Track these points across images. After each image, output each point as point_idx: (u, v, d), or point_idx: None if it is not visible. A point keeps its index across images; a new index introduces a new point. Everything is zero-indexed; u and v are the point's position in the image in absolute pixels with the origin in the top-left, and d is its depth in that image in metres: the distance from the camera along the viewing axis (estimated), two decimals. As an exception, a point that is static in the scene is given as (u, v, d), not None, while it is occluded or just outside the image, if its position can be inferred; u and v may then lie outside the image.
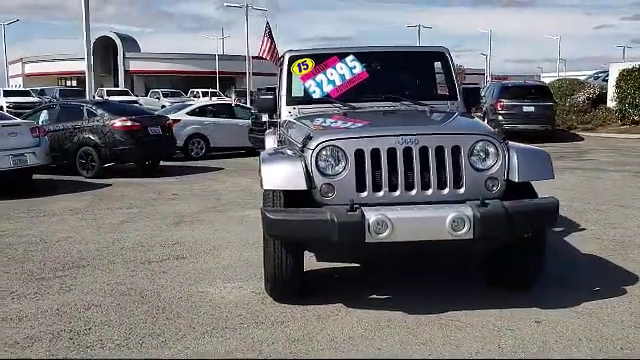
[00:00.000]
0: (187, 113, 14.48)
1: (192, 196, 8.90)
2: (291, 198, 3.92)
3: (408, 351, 3.35)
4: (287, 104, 5.07)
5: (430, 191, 3.82)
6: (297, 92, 5.15)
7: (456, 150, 3.84)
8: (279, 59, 5.77)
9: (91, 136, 11.07)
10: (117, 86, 48.53)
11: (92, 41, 18.05)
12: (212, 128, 14.46)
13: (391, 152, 3.81)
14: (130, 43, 57.06)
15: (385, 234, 3.58)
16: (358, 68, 5.09)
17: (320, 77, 5.09)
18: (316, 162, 3.82)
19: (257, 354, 3.36)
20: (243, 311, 4.00)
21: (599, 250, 5.30)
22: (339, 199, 3.80)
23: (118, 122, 11.04)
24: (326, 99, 5.04)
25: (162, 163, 12.35)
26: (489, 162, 3.88)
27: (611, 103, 20.34)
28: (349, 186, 3.81)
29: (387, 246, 3.67)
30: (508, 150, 3.91)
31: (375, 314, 3.87)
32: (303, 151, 3.93)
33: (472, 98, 5.28)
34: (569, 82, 23.03)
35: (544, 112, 17.15)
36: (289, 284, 4.01)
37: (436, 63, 5.40)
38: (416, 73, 5.48)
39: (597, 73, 28.30)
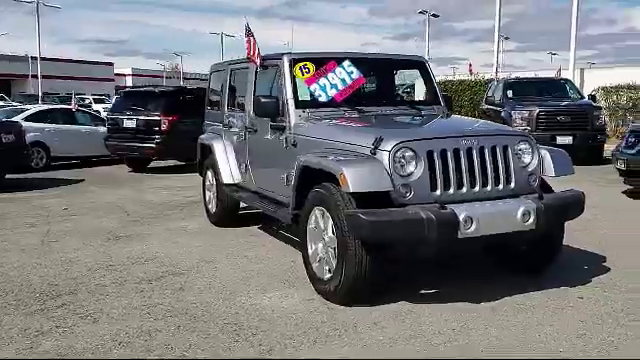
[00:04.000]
0: (24, 119, 12.78)
1: (90, 210, 8.00)
2: (363, 200, 3.93)
3: (522, 332, 3.62)
4: (296, 107, 4.98)
5: (489, 187, 4.15)
6: (302, 96, 5.09)
7: (505, 149, 4.23)
8: (263, 60, 5.59)
9: None
10: None
11: None
12: (53, 135, 12.99)
13: (456, 152, 4.06)
14: None
15: (472, 229, 3.82)
16: (356, 73, 5.20)
17: (323, 81, 5.11)
18: (393, 163, 3.91)
19: (391, 355, 3.36)
20: (322, 318, 3.90)
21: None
22: (415, 199, 3.94)
23: (-35, 129, 9.41)
24: (331, 103, 5.07)
25: None
26: (528, 160, 4.34)
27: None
28: (424, 186, 3.97)
29: (470, 241, 3.90)
30: (539, 150, 4.42)
31: (449, 307, 4.06)
32: (374, 153, 3.97)
33: (448, 104, 5.73)
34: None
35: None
36: (367, 286, 4.00)
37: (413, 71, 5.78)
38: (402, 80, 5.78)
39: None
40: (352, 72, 5.20)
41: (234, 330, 3.70)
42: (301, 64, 5.11)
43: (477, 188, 4.11)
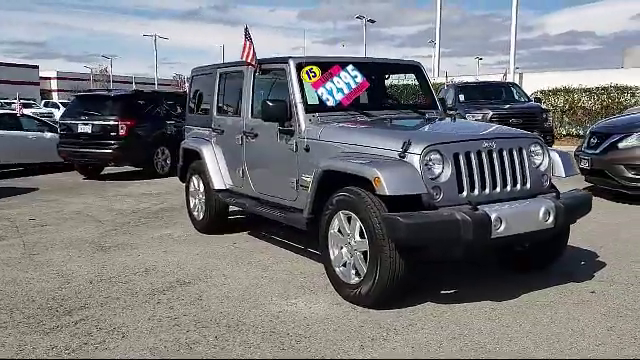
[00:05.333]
0: (-35, 125, 12.04)
1: (60, 220, 7.63)
2: (393, 202, 3.95)
3: (555, 327, 3.74)
4: (306, 112, 4.95)
5: (508, 188, 4.28)
6: (309, 100, 5.05)
7: (521, 151, 4.37)
8: (262, 64, 5.51)
9: None
10: None
11: None
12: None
13: (479, 154, 4.17)
14: None
15: (501, 229, 3.93)
16: (360, 77, 5.22)
17: (329, 85, 5.10)
18: (424, 166, 3.96)
19: (438, 355, 3.40)
20: (358, 322, 3.89)
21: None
22: (444, 200, 4.01)
23: None
24: (339, 107, 5.07)
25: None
26: (540, 161, 4.51)
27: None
28: (452, 187, 4.05)
29: (498, 241, 4.00)
30: (549, 152, 4.60)
31: (475, 306, 4.15)
32: (404, 156, 4.01)
33: (445, 107, 5.86)
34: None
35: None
36: (398, 289, 4.03)
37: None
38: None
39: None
40: (356, 76, 5.22)
41: (276, 338, 3.64)
42: (307, 68, 5.07)
43: (498, 189, 4.22)
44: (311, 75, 5.09)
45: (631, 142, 7.88)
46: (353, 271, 4.23)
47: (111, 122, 11.37)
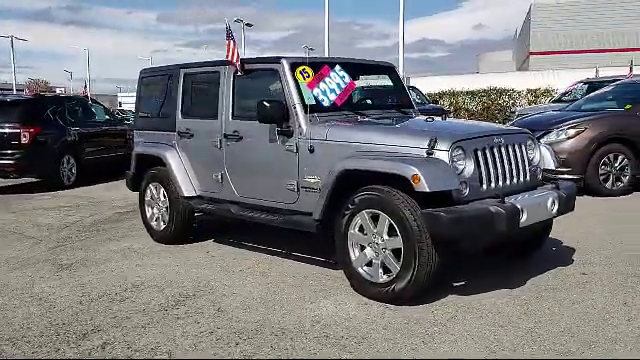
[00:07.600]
0: None
1: (-15, 239, 6.82)
2: (422, 199, 4.03)
3: (579, 308, 4.01)
4: (305, 112, 4.86)
5: (515, 180, 4.52)
6: (306, 100, 4.96)
7: (521, 146, 4.65)
8: (247, 64, 5.30)
9: None
10: None
11: None
12: None
13: (492, 150, 4.37)
14: None
15: (523, 219, 4.15)
16: (347, 77, 5.22)
17: (323, 85, 5.04)
18: (452, 162, 4.08)
19: (497, 344, 3.52)
20: (401, 320, 3.89)
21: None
22: (470, 195, 4.16)
23: None
24: (334, 107, 5.04)
25: None
26: (533, 155, 4.81)
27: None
28: (475, 182, 4.21)
29: (522, 231, 4.22)
30: (539, 146, 4.92)
31: (497, 295, 4.32)
32: (431, 153, 4.09)
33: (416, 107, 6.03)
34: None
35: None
36: (429, 284, 4.10)
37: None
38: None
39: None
40: (344, 77, 5.20)
41: (335, 342, 3.55)
42: (300, 68, 4.99)
43: (508, 182, 4.45)
44: (305, 75, 5.00)
45: (552, 138, 8.60)
46: (381, 269, 4.23)
47: (12, 130, 10.33)
